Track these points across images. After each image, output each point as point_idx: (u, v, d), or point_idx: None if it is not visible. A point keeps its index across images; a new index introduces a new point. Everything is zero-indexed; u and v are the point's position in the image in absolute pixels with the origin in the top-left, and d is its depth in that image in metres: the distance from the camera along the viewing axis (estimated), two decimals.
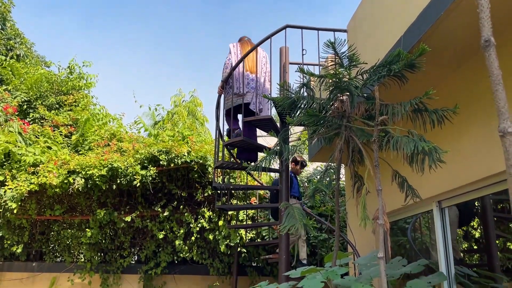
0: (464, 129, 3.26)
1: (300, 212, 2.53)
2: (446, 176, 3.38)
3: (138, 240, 7.42)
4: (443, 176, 3.39)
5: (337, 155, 2.94)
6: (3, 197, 5.88)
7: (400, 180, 3.01)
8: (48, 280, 7.11)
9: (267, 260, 6.05)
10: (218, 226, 6.74)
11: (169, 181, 6.87)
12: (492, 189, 3.06)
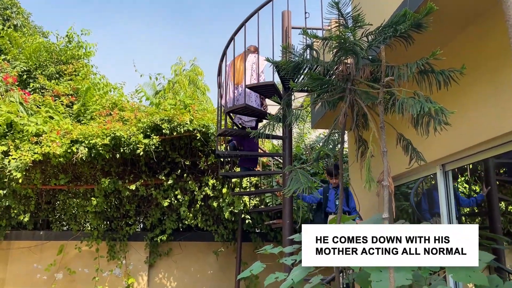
0: (470, 91, 3.22)
1: (304, 175, 2.53)
2: (451, 139, 3.37)
3: (143, 208, 7.52)
4: (447, 139, 3.38)
5: (341, 119, 2.91)
6: (7, 167, 5.91)
7: (404, 143, 3.00)
8: (56, 248, 7.25)
9: (271, 225, 6.13)
10: (222, 193, 6.80)
11: (172, 149, 6.89)
12: (497, 151, 3.05)
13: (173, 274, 7.55)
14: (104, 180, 6.54)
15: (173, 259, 7.58)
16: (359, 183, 4.76)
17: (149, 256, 7.46)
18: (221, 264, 7.64)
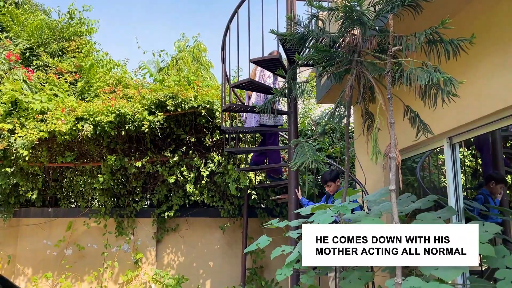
0: (479, 61, 3.16)
1: (310, 148, 2.52)
2: (458, 111, 3.32)
3: (149, 185, 7.57)
4: (454, 111, 3.33)
5: (347, 92, 2.88)
6: (14, 145, 5.95)
7: (412, 116, 2.97)
8: (65, 224, 7.36)
9: (277, 201, 6.17)
10: (227, 169, 6.82)
11: (177, 126, 6.88)
12: (505, 122, 3.01)
13: (181, 249, 7.66)
14: (110, 157, 6.57)
15: (180, 234, 7.68)
16: (366, 157, 4.74)
17: (157, 232, 7.56)
18: (228, 239, 7.74)
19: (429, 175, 4.89)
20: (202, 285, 7.48)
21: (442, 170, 4.09)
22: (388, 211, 3.16)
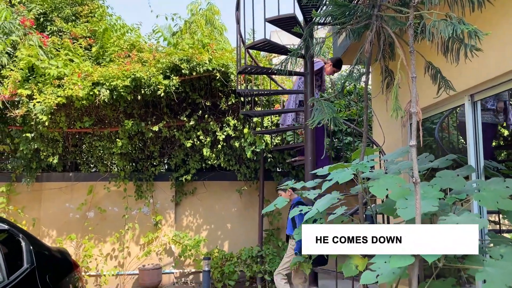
0: (504, 14, 3.03)
1: (329, 106, 2.49)
2: (480, 67, 3.22)
3: (166, 150, 7.66)
4: (477, 67, 3.24)
5: (367, 48, 2.80)
6: (33, 111, 6.03)
7: (433, 72, 2.89)
8: (86, 188, 7.55)
9: (293, 163, 6.19)
10: (243, 133, 6.83)
11: (192, 90, 6.86)
12: None
13: (199, 211, 7.82)
14: (127, 122, 6.63)
15: (198, 197, 7.82)
16: (384, 116, 4.68)
17: (175, 195, 7.71)
18: (245, 202, 7.86)
19: (448, 136, 4.81)
20: (220, 246, 7.67)
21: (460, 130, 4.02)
22: (405, 170, 3.14)
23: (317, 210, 3.13)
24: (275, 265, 6.83)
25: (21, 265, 2.58)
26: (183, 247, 7.27)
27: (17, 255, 2.62)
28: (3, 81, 6.31)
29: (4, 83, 6.27)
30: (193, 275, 7.61)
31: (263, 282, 7.01)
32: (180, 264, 7.59)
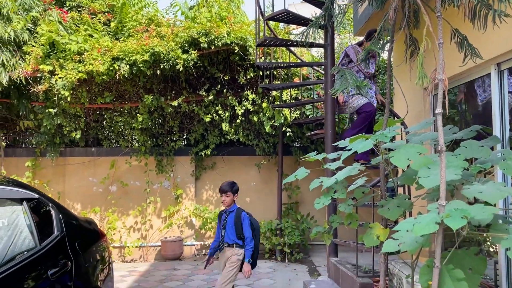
0: None
1: (352, 75, 2.45)
2: (509, 35, 3.12)
3: (186, 125, 7.72)
4: (505, 35, 3.13)
5: (391, 15, 2.73)
6: (55, 86, 6.13)
7: (459, 39, 2.81)
8: (108, 163, 7.71)
9: (312, 137, 6.17)
10: (262, 108, 6.82)
11: (211, 65, 6.84)
12: None
13: (218, 185, 7.86)
14: (147, 97, 6.69)
15: (217, 172, 7.91)
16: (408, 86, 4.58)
17: (195, 170, 7.81)
18: (263, 176, 7.91)
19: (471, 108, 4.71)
20: None
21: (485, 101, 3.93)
22: (428, 141, 3.11)
23: (336, 179, 3.14)
24: (294, 238, 6.92)
25: (51, 232, 2.68)
26: (203, 220, 7.40)
27: (48, 223, 2.71)
28: (25, 57, 6.40)
29: (26, 59, 6.37)
30: None
31: (282, 254, 7.12)
32: (200, 236, 7.75)
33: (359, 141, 2.89)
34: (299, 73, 6.99)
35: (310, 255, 7.53)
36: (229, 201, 4.11)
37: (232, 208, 4.15)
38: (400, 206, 3.02)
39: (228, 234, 4.08)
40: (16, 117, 7.59)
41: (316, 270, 6.51)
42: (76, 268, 2.74)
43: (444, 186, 2.26)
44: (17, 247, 2.28)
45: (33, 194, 2.62)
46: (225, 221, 4.14)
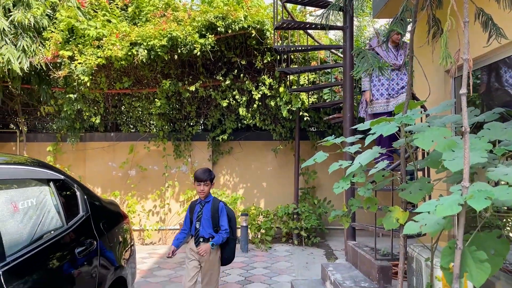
0: None
1: (373, 56, 2.43)
2: None
3: (203, 110, 7.76)
4: None
5: None
6: (75, 72, 6.21)
7: (484, 19, 2.74)
8: (127, 148, 7.82)
9: (330, 121, 6.14)
10: (279, 92, 6.80)
11: (228, 49, 6.83)
12: None
13: (235, 170, 7.98)
14: (165, 82, 6.73)
15: (234, 157, 7.96)
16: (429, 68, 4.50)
17: (212, 155, 7.88)
18: (280, 161, 7.93)
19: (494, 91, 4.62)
20: (257, 203, 7.85)
21: None
22: (449, 124, 3.07)
23: (360, 164, 3.13)
24: (311, 222, 6.95)
25: (77, 212, 2.75)
26: None
27: (73, 204, 2.78)
28: (45, 43, 6.48)
29: (46, 45, 6.45)
30: None
31: (299, 238, 7.17)
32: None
33: (383, 124, 2.87)
34: (317, 57, 6.93)
35: (327, 239, 7.57)
36: (207, 191, 3.73)
37: (208, 198, 3.78)
38: (422, 189, 3.00)
39: (204, 227, 3.68)
40: (37, 103, 7.74)
41: (333, 254, 6.54)
42: (101, 247, 2.82)
43: (468, 168, 2.24)
44: (45, 226, 2.35)
45: (59, 175, 2.69)
46: (200, 212, 3.73)
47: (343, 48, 4.80)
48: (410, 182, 3.17)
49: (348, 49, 4.71)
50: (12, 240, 2.00)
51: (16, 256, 1.95)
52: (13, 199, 2.16)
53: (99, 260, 2.74)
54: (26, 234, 2.15)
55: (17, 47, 6.18)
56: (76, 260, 2.46)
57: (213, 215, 3.68)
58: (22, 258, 1.99)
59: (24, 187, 2.33)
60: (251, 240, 7.24)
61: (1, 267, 1.81)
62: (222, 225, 3.70)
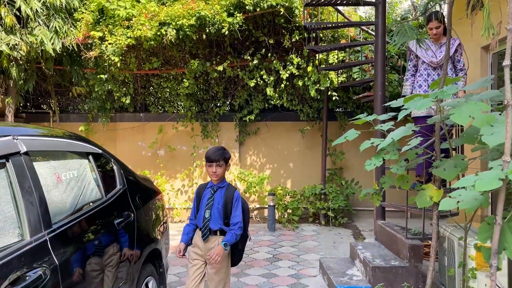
0: None
1: (411, 28, 2.36)
2: None
3: (230, 90, 7.78)
4: None
5: None
6: (105, 52, 6.30)
7: None
8: (156, 128, 7.94)
9: (361, 99, 6.05)
10: (307, 72, 6.73)
11: (256, 28, 6.78)
12: None
13: (262, 151, 8.01)
14: (193, 61, 6.76)
15: (261, 137, 7.98)
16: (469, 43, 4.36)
17: (239, 135, 7.92)
18: (307, 142, 7.91)
19: None
20: (283, 184, 7.87)
21: None
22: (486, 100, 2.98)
23: (392, 139, 3.09)
24: (338, 202, 6.94)
25: (114, 186, 2.84)
26: (247, 184, 7.53)
27: (111, 177, 2.87)
28: (76, 24, 6.59)
29: (77, 26, 6.56)
30: (257, 211, 7.95)
31: (326, 218, 7.18)
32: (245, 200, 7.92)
33: (417, 99, 2.82)
34: (346, 36, 6.80)
35: (354, 220, 7.55)
36: (220, 173, 3.06)
37: (223, 183, 3.12)
38: (456, 166, 2.94)
39: (214, 218, 3.01)
40: (69, 84, 7.92)
41: (360, 234, 6.53)
42: (138, 219, 2.90)
43: (510, 142, 2.18)
44: (86, 198, 2.44)
45: (97, 149, 2.77)
46: (211, 199, 3.06)
47: (375, 25, 4.69)
48: (444, 160, 3.11)
49: (380, 25, 4.60)
50: (57, 209, 2.08)
51: (61, 224, 2.04)
52: (56, 170, 2.24)
53: (136, 231, 2.82)
54: (69, 204, 2.23)
55: (50, 28, 6.30)
56: (115, 230, 2.54)
57: (225, 204, 3.02)
58: (67, 226, 2.07)
59: (66, 159, 2.41)
60: (278, 220, 7.30)
61: (48, 233, 1.89)
62: (235, 219, 3.00)
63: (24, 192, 1.83)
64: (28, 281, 1.66)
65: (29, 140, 2.02)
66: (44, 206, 1.93)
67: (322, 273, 4.64)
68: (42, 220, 1.88)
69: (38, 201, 1.89)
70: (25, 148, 1.94)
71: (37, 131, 2.25)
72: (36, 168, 1.98)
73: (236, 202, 3.07)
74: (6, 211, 1.76)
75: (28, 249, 1.75)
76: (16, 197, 1.81)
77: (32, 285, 1.67)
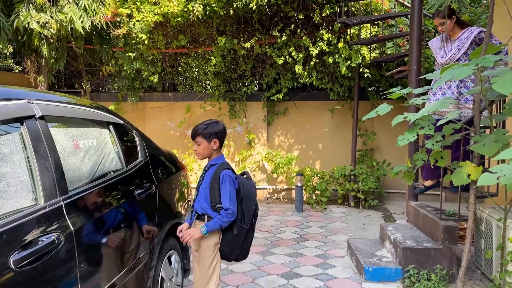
0: None
1: None
2: None
3: (258, 69, 7.62)
4: None
5: None
6: (133, 30, 6.27)
7: None
8: (183, 107, 7.92)
9: (394, 75, 5.78)
10: (337, 48, 6.49)
11: (284, 3, 6.55)
12: None
13: (290, 131, 7.86)
14: (220, 38, 6.65)
15: (289, 117, 7.82)
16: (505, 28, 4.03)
17: (267, 115, 7.79)
18: (337, 122, 7.69)
19: None
20: (312, 165, 7.72)
21: None
22: None
23: (427, 112, 2.90)
24: (368, 184, 6.73)
25: (136, 157, 2.79)
26: (275, 164, 7.42)
27: (132, 148, 2.82)
28: (104, 2, 6.59)
29: (105, 3, 6.55)
30: (285, 192, 7.85)
31: (355, 200, 7.00)
32: (272, 180, 7.84)
33: (456, 67, 2.60)
34: (380, 9, 6.48)
35: (385, 202, 7.33)
36: (201, 151, 2.65)
37: (214, 161, 2.66)
38: (497, 141, 2.72)
39: (199, 200, 2.64)
40: (99, 63, 7.98)
41: (391, 217, 6.33)
42: (160, 192, 2.85)
43: None
44: (106, 167, 2.39)
45: (118, 120, 2.72)
46: (201, 179, 2.70)
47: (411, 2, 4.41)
48: (484, 135, 2.89)
49: (416, 4, 4.33)
50: (74, 176, 2.04)
51: (78, 191, 1.99)
52: (74, 137, 2.19)
53: (157, 203, 2.77)
54: (87, 172, 2.19)
55: (79, 6, 6.31)
56: (135, 201, 2.50)
57: (211, 185, 2.56)
58: (84, 194, 2.03)
59: (85, 127, 2.37)
60: (306, 201, 7.16)
61: (64, 199, 1.85)
62: (224, 204, 2.51)
63: (39, 157, 1.79)
64: (41, 245, 1.63)
65: (45, 105, 1.97)
66: (60, 172, 1.88)
67: (350, 254, 4.50)
68: (58, 186, 1.83)
69: (54, 166, 1.85)
70: (41, 113, 1.89)
71: (54, 97, 2.21)
72: (52, 134, 1.93)
73: (223, 184, 2.53)
74: (20, 175, 1.72)
75: (42, 213, 1.71)
76: (31, 161, 1.76)
77: (45, 249, 1.64)
